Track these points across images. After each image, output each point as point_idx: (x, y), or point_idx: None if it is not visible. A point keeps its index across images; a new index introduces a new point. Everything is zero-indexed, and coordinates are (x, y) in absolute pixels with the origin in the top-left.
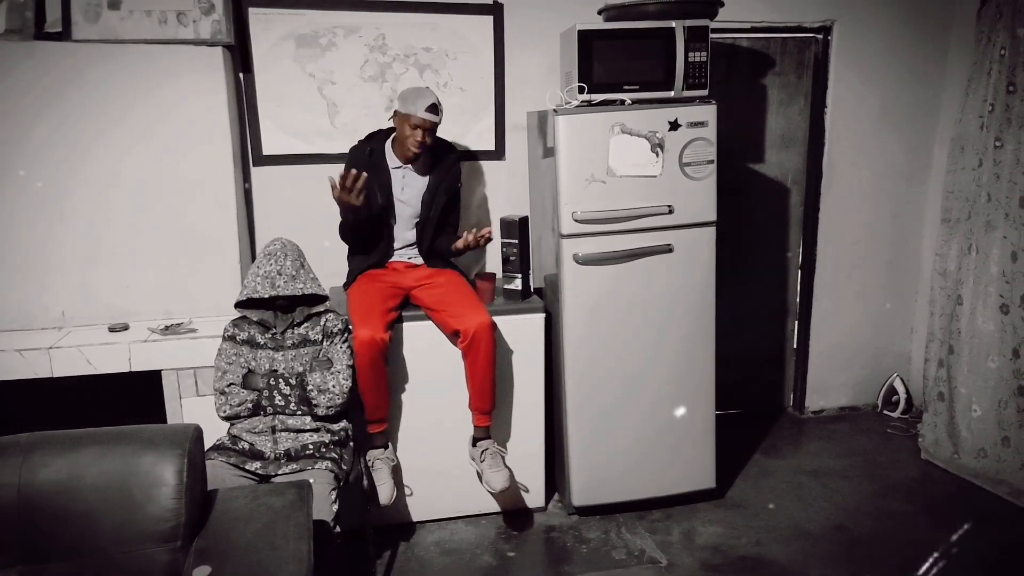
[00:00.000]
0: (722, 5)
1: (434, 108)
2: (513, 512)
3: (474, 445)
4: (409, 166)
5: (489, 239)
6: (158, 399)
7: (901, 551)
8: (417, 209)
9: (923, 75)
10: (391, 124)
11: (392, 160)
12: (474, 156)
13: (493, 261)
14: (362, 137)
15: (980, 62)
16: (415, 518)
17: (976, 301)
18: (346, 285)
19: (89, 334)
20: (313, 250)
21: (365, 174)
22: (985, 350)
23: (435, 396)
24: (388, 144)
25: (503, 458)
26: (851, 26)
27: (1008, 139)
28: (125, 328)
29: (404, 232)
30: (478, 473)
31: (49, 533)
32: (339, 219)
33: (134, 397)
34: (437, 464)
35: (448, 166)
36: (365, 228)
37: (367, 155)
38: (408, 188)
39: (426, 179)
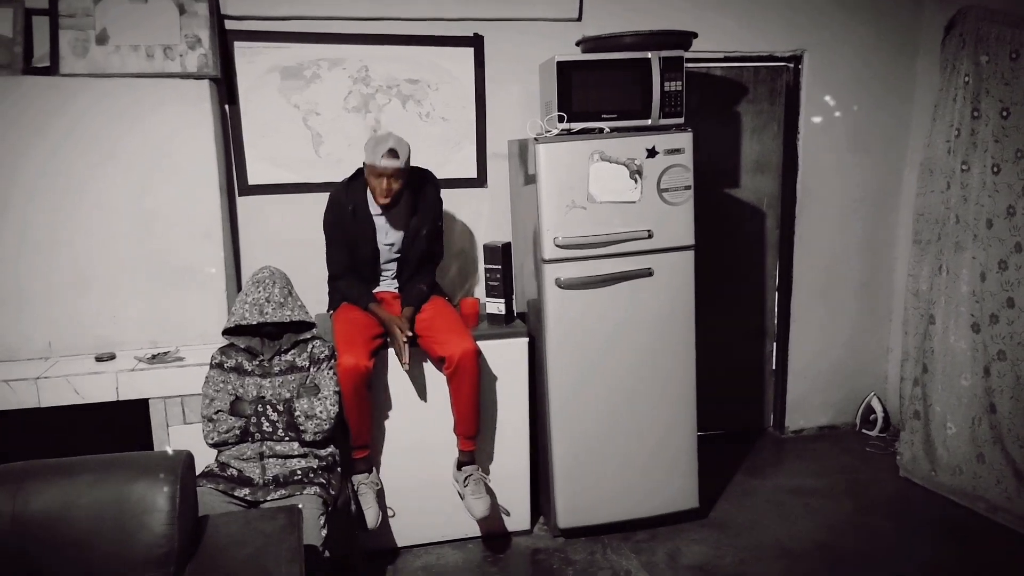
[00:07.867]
0: (695, 36)
1: (393, 153)
2: (499, 535)
3: (459, 469)
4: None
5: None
6: (145, 428)
7: (882, 568)
8: (399, 247)
9: (891, 101)
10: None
11: (374, 207)
12: (457, 184)
13: (478, 286)
14: (344, 176)
15: (946, 88)
16: (402, 543)
17: (948, 320)
18: (330, 308)
19: (76, 364)
20: (299, 277)
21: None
22: (958, 368)
23: (419, 422)
24: (369, 193)
25: (486, 484)
26: (820, 55)
27: (974, 162)
28: (112, 357)
29: (389, 267)
30: (460, 495)
31: (42, 562)
32: (325, 254)
33: (121, 426)
34: (423, 489)
35: (429, 206)
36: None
37: (351, 213)
38: (391, 232)
39: (407, 221)
